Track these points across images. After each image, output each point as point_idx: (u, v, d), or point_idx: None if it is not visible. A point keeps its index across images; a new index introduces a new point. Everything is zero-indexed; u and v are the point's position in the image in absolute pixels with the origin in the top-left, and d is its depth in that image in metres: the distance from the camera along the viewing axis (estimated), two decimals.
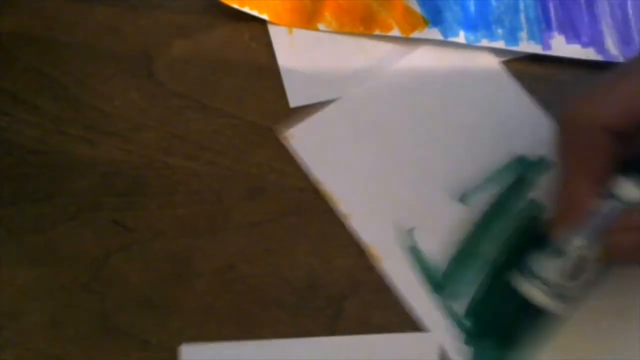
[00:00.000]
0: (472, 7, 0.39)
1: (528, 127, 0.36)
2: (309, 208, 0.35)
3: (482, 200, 0.34)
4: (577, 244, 0.29)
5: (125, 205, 0.35)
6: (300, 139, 0.36)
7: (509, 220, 0.34)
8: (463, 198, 0.35)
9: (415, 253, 0.34)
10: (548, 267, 0.29)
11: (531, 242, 0.32)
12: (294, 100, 0.38)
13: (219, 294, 0.34)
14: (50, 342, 0.33)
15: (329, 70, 0.38)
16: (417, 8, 0.39)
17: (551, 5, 0.39)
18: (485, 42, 0.38)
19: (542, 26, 0.38)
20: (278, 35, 0.39)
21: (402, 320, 0.33)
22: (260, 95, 0.38)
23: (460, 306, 0.32)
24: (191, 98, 0.38)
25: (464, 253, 0.33)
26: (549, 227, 0.30)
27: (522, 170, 0.35)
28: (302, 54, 0.39)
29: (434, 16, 0.38)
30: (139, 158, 0.37)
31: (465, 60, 0.38)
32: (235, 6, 0.39)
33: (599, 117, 0.28)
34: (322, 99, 0.37)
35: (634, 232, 0.28)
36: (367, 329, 0.33)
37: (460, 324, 0.32)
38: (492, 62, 0.38)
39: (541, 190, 0.34)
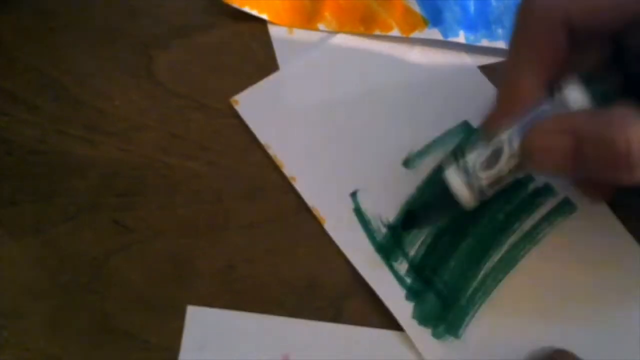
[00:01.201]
0: (472, 7, 0.39)
1: (475, 94, 0.36)
2: (309, 208, 0.35)
3: (425, 164, 0.35)
4: (502, 136, 0.28)
5: (125, 205, 0.35)
6: (246, 104, 0.37)
7: None
8: (406, 162, 0.35)
9: (358, 215, 0.34)
10: (469, 152, 0.29)
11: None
12: None
13: (219, 294, 0.34)
14: (50, 342, 0.33)
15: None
16: (417, 8, 0.39)
17: None
18: (485, 42, 0.38)
19: None
20: (278, 35, 0.39)
21: None
22: None
23: (402, 265, 0.33)
24: (191, 98, 0.38)
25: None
26: (486, 116, 0.29)
27: (465, 136, 0.35)
28: (302, 54, 0.39)
29: (433, 16, 0.38)
30: (139, 158, 0.37)
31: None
32: (235, 6, 0.39)
33: (559, 8, 0.27)
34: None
35: (554, 135, 0.26)
36: None
37: (401, 281, 0.33)
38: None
39: None
